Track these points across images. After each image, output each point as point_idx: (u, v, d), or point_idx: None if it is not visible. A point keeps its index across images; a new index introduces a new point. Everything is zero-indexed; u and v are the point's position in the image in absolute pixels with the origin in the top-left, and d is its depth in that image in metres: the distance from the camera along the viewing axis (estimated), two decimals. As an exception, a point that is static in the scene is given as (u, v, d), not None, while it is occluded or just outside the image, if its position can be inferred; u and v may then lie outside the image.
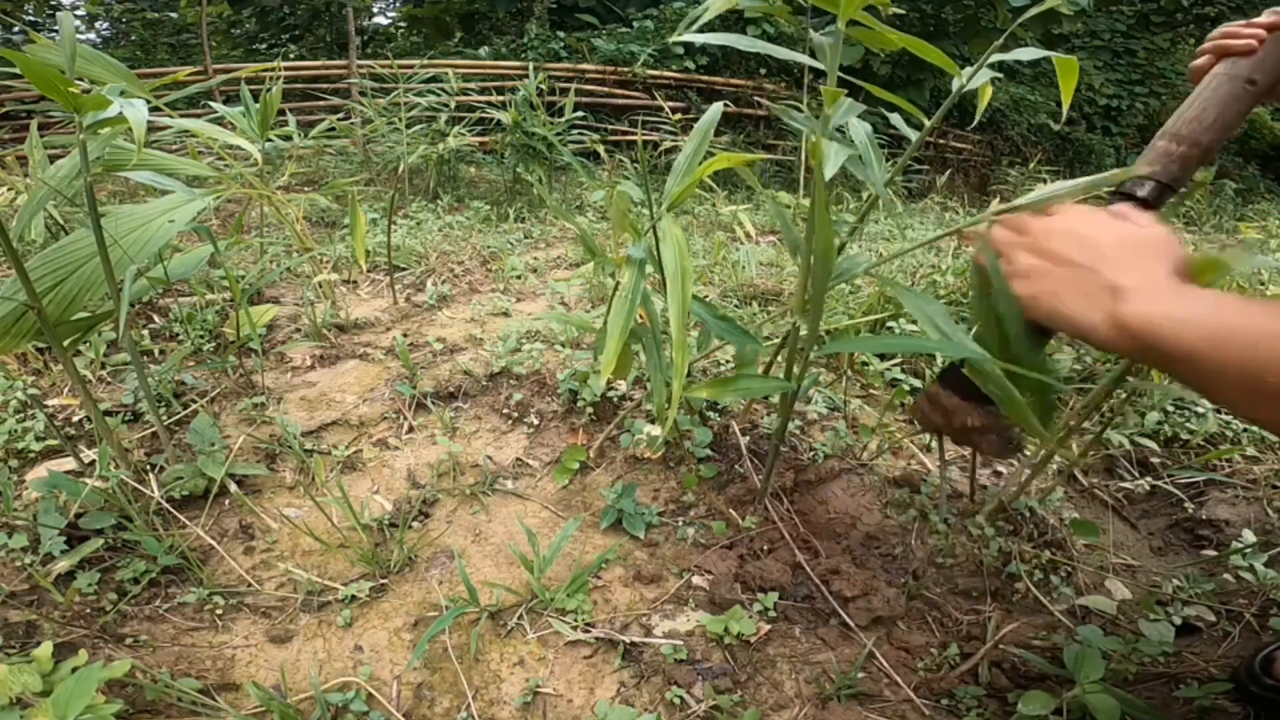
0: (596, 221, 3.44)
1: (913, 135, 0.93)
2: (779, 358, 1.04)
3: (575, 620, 0.92)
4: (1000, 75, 0.91)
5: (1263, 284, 2.16)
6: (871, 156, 0.87)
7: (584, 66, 6.29)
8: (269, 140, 2.02)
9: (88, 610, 0.91)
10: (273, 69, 1.85)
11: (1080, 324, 0.59)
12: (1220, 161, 9.23)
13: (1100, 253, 0.60)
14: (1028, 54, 0.89)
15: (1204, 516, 1.21)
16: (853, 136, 0.90)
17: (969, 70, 0.86)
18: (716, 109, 0.93)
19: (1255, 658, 0.85)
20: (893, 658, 0.89)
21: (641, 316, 0.92)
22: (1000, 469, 1.29)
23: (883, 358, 1.60)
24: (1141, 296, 0.56)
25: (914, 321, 1.67)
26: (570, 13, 8.33)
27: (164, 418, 1.29)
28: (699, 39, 0.89)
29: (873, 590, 0.96)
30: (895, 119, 0.99)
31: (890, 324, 1.68)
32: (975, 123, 1.00)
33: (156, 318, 1.77)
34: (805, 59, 0.91)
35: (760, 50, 0.87)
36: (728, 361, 1.57)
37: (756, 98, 6.77)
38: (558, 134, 3.47)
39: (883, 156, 0.96)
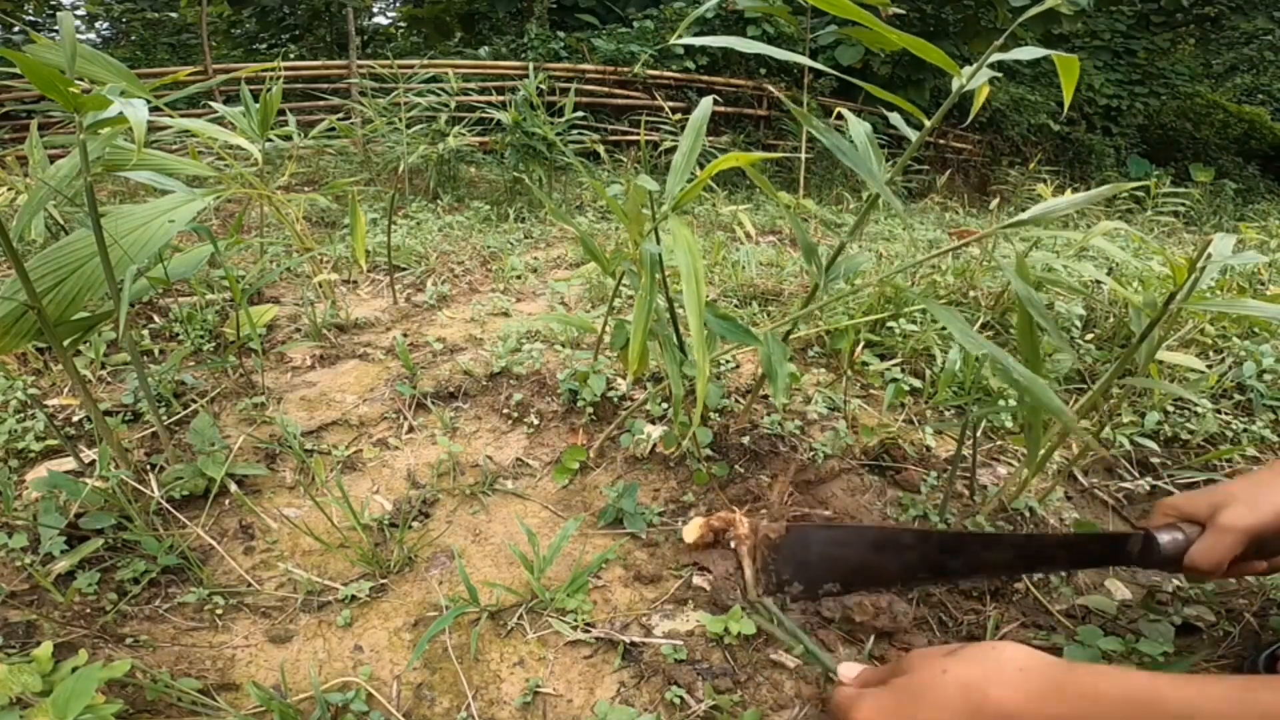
0: (596, 222, 3.44)
1: (913, 135, 0.93)
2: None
3: (575, 620, 0.92)
4: (1000, 75, 0.91)
5: (1262, 283, 2.16)
6: (871, 156, 0.87)
7: (584, 66, 6.30)
8: (269, 140, 2.02)
9: (88, 610, 0.91)
10: (273, 69, 1.85)
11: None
12: (1220, 161, 9.22)
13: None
14: (1028, 53, 0.89)
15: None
16: (852, 136, 0.90)
17: (969, 70, 0.86)
18: (707, 103, 0.93)
19: (1256, 658, 0.85)
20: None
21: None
22: (1000, 469, 1.29)
23: (882, 358, 1.60)
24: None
25: (913, 321, 1.68)
26: (570, 13, 8.35)
27: (164, 418, 1.29)
28: (699, 41, 0.89)
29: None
30: (895, 119, 0.99)
31: (890, 324, 1.68)
32: (970, 120, 1.00)
33: (156, 318, 1.77)
34: (804, 60, 0.91)
35: (760, 52, 0.88)
36: (727, 362, 1.57)
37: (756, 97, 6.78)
38: (558, 134, 3.48)
39: (883, 156, 0.96)
